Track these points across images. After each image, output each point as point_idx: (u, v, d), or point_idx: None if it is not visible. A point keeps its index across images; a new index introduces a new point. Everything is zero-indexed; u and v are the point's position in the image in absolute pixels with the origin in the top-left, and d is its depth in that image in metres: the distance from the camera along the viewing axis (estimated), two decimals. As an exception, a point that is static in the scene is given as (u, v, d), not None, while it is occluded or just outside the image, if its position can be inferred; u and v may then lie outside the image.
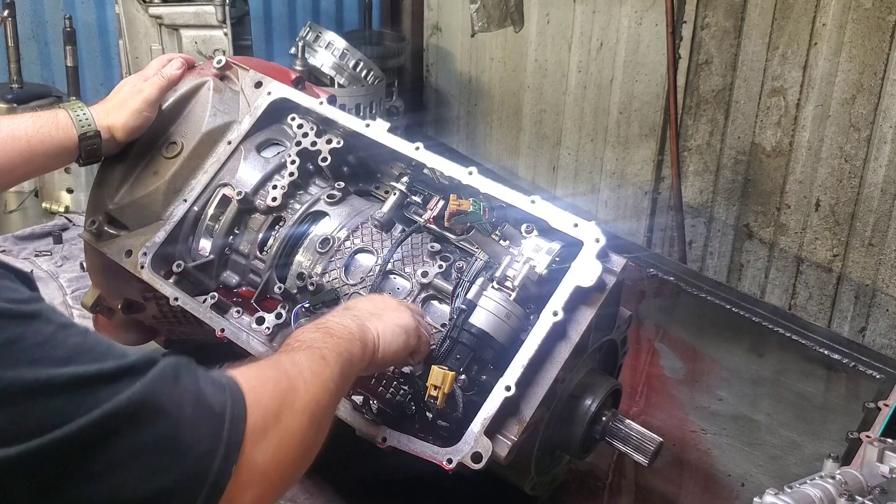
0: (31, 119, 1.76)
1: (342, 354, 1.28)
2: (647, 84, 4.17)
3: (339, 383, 1.24)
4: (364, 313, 1.44)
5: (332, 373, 1.22)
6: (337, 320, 1.37)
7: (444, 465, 1.47)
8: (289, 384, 1.13)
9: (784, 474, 1.97)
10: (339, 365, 1.25)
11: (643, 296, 2.91)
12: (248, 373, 1.11)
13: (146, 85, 1.87)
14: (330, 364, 1.23)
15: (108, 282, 1.99)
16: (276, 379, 1.13)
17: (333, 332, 1.32)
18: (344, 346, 1.30)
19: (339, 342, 1.30)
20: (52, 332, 0.95)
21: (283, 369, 1.16)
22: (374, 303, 1.51)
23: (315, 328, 1.34)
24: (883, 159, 3.38)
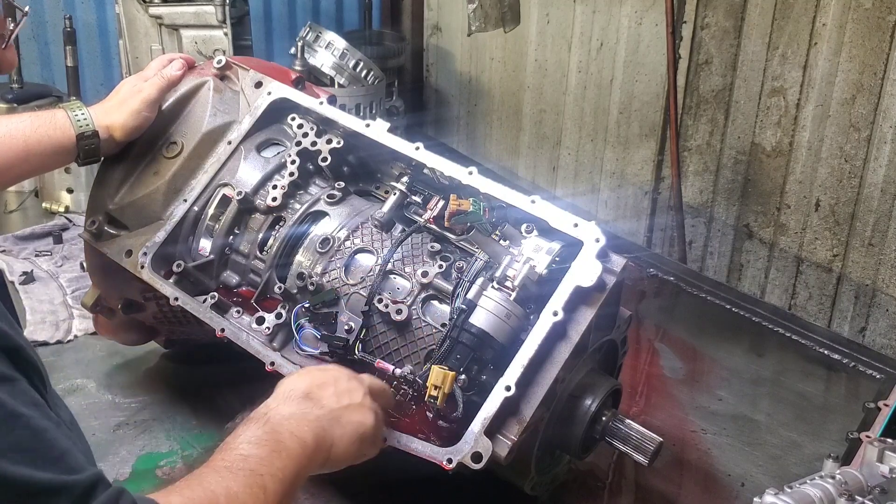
0: (29, 118, 1.77)
1: (286, 480, 1.19)
2: (647, 84, 4.17)
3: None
4: (326, 416, 1.34)
5: None
6: (293, 427, 1.27)
7: (444, 465, 1.48)
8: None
9: (784, 474, 1.97)
10: (280, 494, 1.18)
11: (643, 296, 2.91)
12: (178, 501, 1.06)
13: (146, 85, 1.87)
14: (269, 495, 1.15)
15: (108, 282, 1.99)
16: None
17: (284, 447, 1.23)
18: (291, 469, 1.22)
19: (286, 464, 1.21)
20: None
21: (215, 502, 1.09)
22: (340, 398, 1.39)
23: (266, 435, 1.23)
24: (883, 159, 3.38)
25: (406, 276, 1.71)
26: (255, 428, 1.25)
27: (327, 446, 1.32)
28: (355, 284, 1.72)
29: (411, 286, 1.69)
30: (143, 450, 1.94)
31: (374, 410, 1.42)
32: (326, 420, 1.33)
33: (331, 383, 1.40)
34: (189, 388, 2.15)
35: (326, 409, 1.35)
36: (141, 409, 2.08)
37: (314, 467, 1.30)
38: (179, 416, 2.06)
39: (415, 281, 1.68)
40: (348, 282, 1.72)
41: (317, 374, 1.44)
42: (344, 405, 1.38)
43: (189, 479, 1.13)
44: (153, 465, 1.89)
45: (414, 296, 1.67)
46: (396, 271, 1.72)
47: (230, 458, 1.18)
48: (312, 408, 1.34)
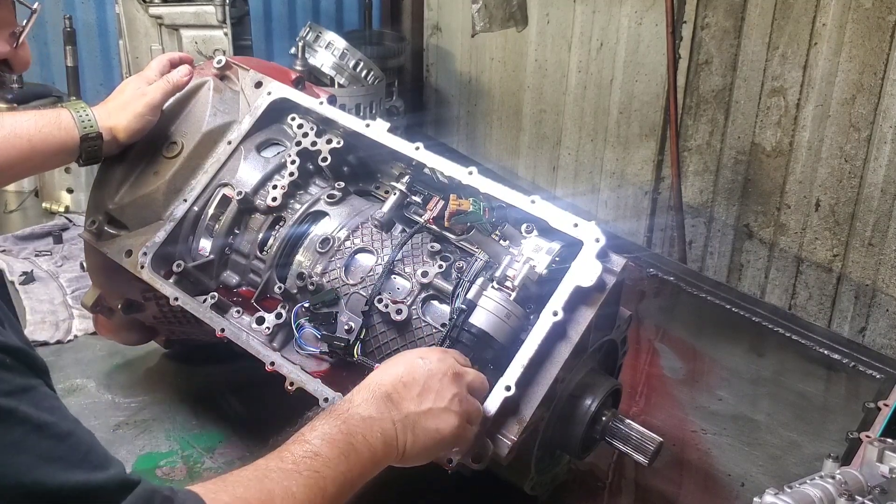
0: (34, 117, 1.76)
1: (346, 485, 1.19)
2: (647, 84, 4.17)
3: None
4: (401, 421, 1.31)
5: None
6: (367, 431, 1.25)
7: (445, 465, 1.48)
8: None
9: (784, 474, 1.97)
10: (338, 497, 1.18)
11: (643, 296, 2.91)
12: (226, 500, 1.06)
13: (150, 89, 1.86)
14: (327, 498, 1.15)
15: (108, 282, 1.99)
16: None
17: (353, 451, 1.22)
18: (355, 473, 1.22)
19: (351, 469, 1.21)
20: (20, 436, 0.92)
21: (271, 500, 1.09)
22: (423, 400, 1.34)
23: (339, 435, 1.22)
24: (883, 159, 3.38)
25: (406, 276, 1.70)
26: (332, 424, 1.24)
27: (399, 452, 1.31)
28: (355, 284, 1.72)
29: (411, 286, 1.69)
30: (143, 450, 1.94)
31: (460, 413, 1.37)
32: (401, 426, 1.31)
33: (419, 381, 1.35)
34: (189, 388, 2.15)
35: (404, 412, 1.32)
36: (141, 409, 2.08)
37: (382, 468, 1.30)
38: (179, 416, 2.06)
39: (415, 281, 1.68)
40: (348, 282, 1.72)
41: (408, 366, 1.38)
42: (424, 410, 1.34)
43: (249, 473, 1.13)
44: (153, 465, 1.89)
45: (414, 296, 1.67)
46: (396, 271, 1.72)
47: (300, 452, 1.18)
48: (391, 410, 1.31)
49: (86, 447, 0.99)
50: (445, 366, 1.40)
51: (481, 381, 1.46)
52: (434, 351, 1.45)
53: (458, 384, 1.39)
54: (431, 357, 1.41)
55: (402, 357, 1.42)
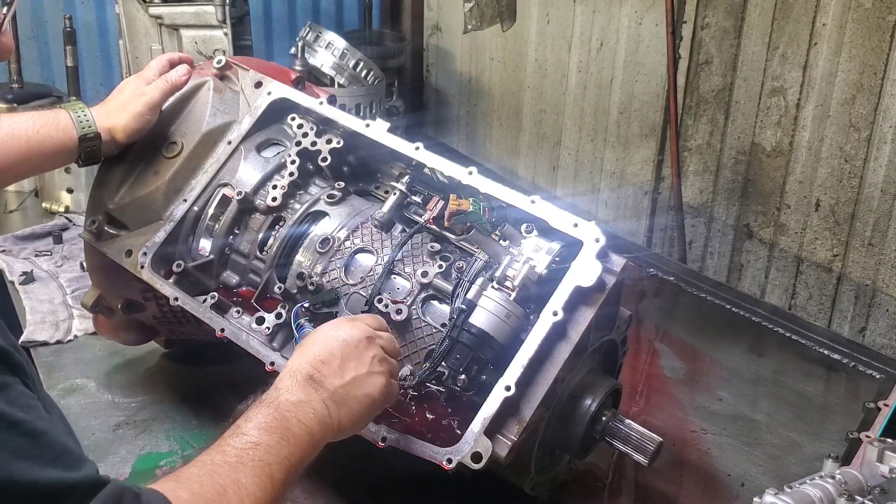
0: (32, 118, 1.77)
1: (291, 467, 1.22)
2: (647, 84, 4.17)
3: (278, 501, 1.20)
4: (330, 398, 1.34)
5: (275, 495, 1.18)
6: (300, 414, 1.28)
7: (444, 465, 1.48)
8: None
9: (784, 474, 1.97)
10: (286, 482, 1.21)
11: (643, 296, 2.91)
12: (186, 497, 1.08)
13: (149, 88, 1.86)
14: (276, 484, 1.18)
15: (108, 282, 1.99)
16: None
17: (291, 434, 1.25)
18: (297, 455, 1.24)
19: (292, 451, 1.23)
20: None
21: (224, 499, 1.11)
22: (345, 372, 1.37)
23: (274, 422, 1.25)
24: (883, 159, 3.38)
25: (406, 276, 1.71)
26: (264, 412, 1.26)
27: (334, 427, 1.33)
28: (355, 284, 1.72)
29: (411, 286, 1.69)
30: (143, 450, 1.94)
31: (383, 373, 1.41)
32: (331, 402, 1.33)
33: (337, 354, 1.38)
34: (189, 388, 2.15)
35: (329, 389, 1.34)
36: (141, 409, 2.08)
37: (321, 446, 1.32)
38: (179, 416, 2.06)
39: (415, 281, 1.68)
40: (348, 282, 1.72)
41: (323, 343, 1.40)
42: (349, 380, 1.37)
43: (198, 470, 1.15)
44: (153, 465, 1.89)
45: (414, 296, 1.67)
46: (396, 271, 1.72)
47: (240, 444, 1.20)
48: (317, 391, 1.33)
49: (59, 446, 1.01)
50: (359, 332, 1.42)
51: (393, 342, 1.50)
52: (343, 321, 1.48)
53: (373, 346, 1.42)
54: (343, 327, 1.44)
55: (316, 335, 1.44)
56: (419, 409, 1.59)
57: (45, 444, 0.99)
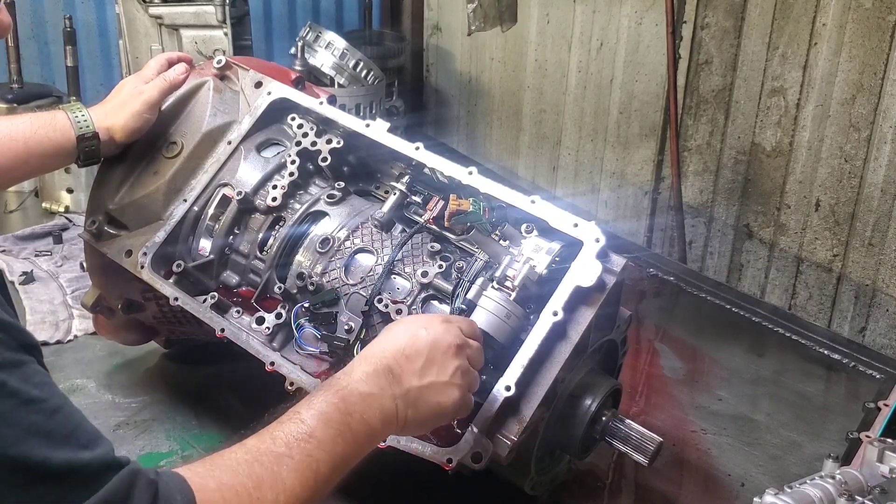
0: (30, 120, 1.77)
1: (340, 465, 1.16)
2: (647, 84, 4.17)
3: (321, 497, 1.14)
4: (402, 396, 1.27)
5: (316, 492, 1.12)
6: (365, 410, 1.21)
7: (444, 465, 1.48)
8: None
9: (784, 474, 1.97)
10: (332, 478, 1.15)
11: (643, 296, 2.91)
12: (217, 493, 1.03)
13: (147, 87, 1.86)
14: (319, 481, 1.12)
15: (108, 282, 1.99)
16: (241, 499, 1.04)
17: (350, 431, 1.18)
18: (350, 453, 1.18)
19: (346, 450, 1.17)
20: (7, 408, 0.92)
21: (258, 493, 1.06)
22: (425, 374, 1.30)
23: (336, 413, 1.18)
24: (883, 159, 3.38)
25: (406, 276, 1.70)
26: (328, 401, 1.20)
27: (398, 426, 1.28)
28: (355, 284, 1.72)
29: (411, 286, 1.69)
30: (143, 450, 1.93)
31: (462, 386, 1.34)
32: (402, 401, 1.27)
33: (423, 353, 1.31)
34: (189, 388, 2.15)
35: (405, 387, 1.28)
36: (141, 409, 2.08)
37: (378, 443, 1.29)
38: (179, 416, 2.06)
39: (415, 281, 1.68)
40: (348, 282, 1.72)
41: (411, 337, 1.32)
42: (426, 384, 1.30)
43: (239, 455, 1.10)
44: (153, 465, 1.87)
45: (414, 296, 1.67)
46: (396, 271, 1.72)
47: (294, 432, 1.14)
48: (392, 386, 1.27)
49: (73, 424, 0.99)
50: (450, 337, 1.35)
51: (480, 355, 1.42)
52: (437, 320, 1.38)
53: (460, 356, 1.35)
54: (435, 328, 1.35)
55: (405, 326, 1.37)
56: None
57: (59, 421, 0.97)
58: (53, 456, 0.94)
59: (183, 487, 1.03)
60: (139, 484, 0.99)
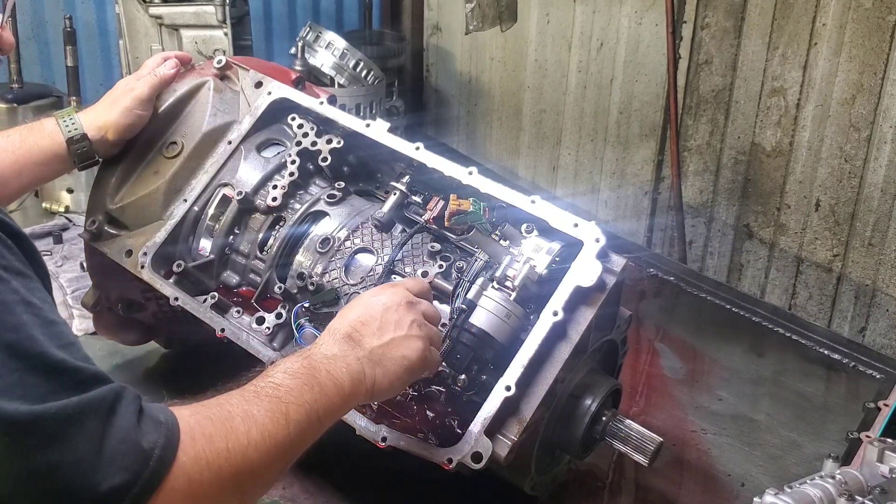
0: (19, 132, 1.78)
1: (311, 414, 1.18)
2: (647, 84, 4.17)
3: (295, 444, 1.16)
4: (366, 356, 1.32)
5: (289, 435, 1.14)
6: (331, 367, 1.26)
7: (444, 465, 1.48)
8: (229, 442, 1.07)
9: (784, 474, 1.97)
10: (304, 425, 1.17)
11: (643, 296, 2.91)
12: (192, 418, 1.07)
13: (138, 83, 1.87)
14: (291, 424, 1.14)
15: (108, 282, 1.99)
16: (218, 432, 1.07)
17: (318, 383, 1.22)
18: (321, 404, 1.20)
19: (316, 399, 1.20)
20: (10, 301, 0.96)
21: (229, 423, 1.09)
22: (383, 333, 1.35)
23: (302, 370, 1.23)
24: (883, 159, 3.38)
25: (406, 276, 1.70)
26: (294, 361, 1.25)
27: (367, 386, 1.31)
28: (355, 284, 1.72)
29: (411, 286, 1.69)
30: (143, 450, 1.93)
31: (421, 337, 1.39)
32: (367, 360, 1.31)
33: (376, 317, 1.37)
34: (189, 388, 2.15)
35: (367, 349, 1.33)
36: (141, 409, 2.08)
37: (354, 404, 1.31)
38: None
39: (415, 281, 1.68)
40: (348, 282, 1.72)
41: (363, 306, 1.39)
42: (386, 341, 1.35)
43: (211, 399, 1.14)
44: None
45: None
46: (396, 271, 1.72)
47: (261, 383, 1.19)
48: (353, 349, 1.31)
49: (69, 338, 1.01)
50: (399, 296, 1.41)
51: (433, 309, 1.48)
52: (385, 286, 1.47)
53: (413, 311, 1.40)
54: (384, 292, 1.43)
55: (357, 300, 1.44)
56: (419, 409, 1.59)
57: (57, 332, 0.99)
58: (50, 351, 0.96)
59: (163, 408, 1.06)
60: (126, 396, 1.02)
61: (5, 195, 1.82)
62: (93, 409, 0.96)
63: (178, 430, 1.03)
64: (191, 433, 1.04)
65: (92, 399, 0.96)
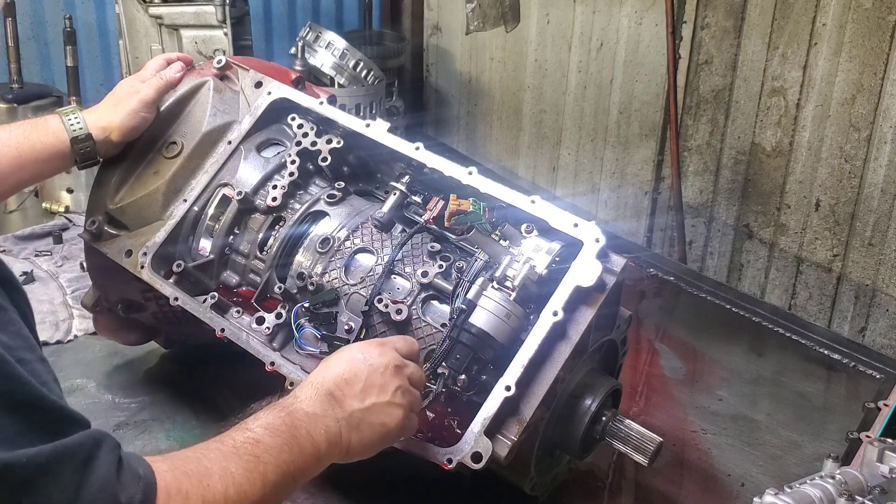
0: (22, 127, 1.77)
1: (287, 476, 1.18)
2: (647, 84, 4.17)
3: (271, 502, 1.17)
4: (345, 419, 1.31)
5: (265, 495, 1.14)
6: (311, 427, 1.25)
7: (444, 465, 1.48)
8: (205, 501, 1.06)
9: (784, 474, 1.97)
10: (279, 486, 1.17)
11: (643, 296, 2.91)
12: (169, 474, 1.05)
13: (143, 86, 1.86)
14: (267, 485, 1.14)
15: (108, 282, 1.99)
16: (195, 489, 1.06)
17: (297, 444, 1.21)
18: (298, 466, 1.20)
19: (294, 460, 1.20)
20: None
21: (206, 480, 1.08)
22: (366, 396, 1.34)
23: (283, 426, 1.21)
24: (883, 159, 3.39)
25: (406, 276, 1.70)
26: (275, 415, 1.24)
27: (342, 449, 1.31)
28: (355, 284, 1.72)
29: (411, 286, 1.69)
30: (143, 450, 1.92)
31: (403, 406, 1.38)
32: (345, 423, 1.31)
33: (361, 377, 1.35)
34: (189, 388, 2.15)
35: (347, 411, 1.32)
36: (141, 409, 2.08)
37: (326, 465, 1.30)
38: (179, 416, 2.05)
39: (415, 281, 1.68)
40: (348, 282, 1.72)
41: (349, 363, 1.37)
42: (367, 406, 1.34)
43: (189, 451, 1.13)
44: (153, 465, 1.88)
45: (414, 296, 1.67)
46: (396, 271, 1.72)
47: (240, 438, 1.18)
48: (334, 409, 1.30)
49: (43, 378, 0.99)
50: (386, 359, 1.39)
51: (420, 373, 1.46)
52: (372, 344, 1.44)
53: (399, 376, 1.39)
54: (371, 352, 1.40)
55: (343, 353, 1.41)
56: (419, 409, 1.59)
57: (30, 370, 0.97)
58: (17, 391, 0.93)
59: (141, 461, 1.05)
60: (106, 445, 1.00)
61: (4, 190, 1.82)
62: (69, 456, 0.94)
63: (156, 486, 1.02)
64: (167, 490, 1.03)
65: (68, 446, 0.95)
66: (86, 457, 0.96)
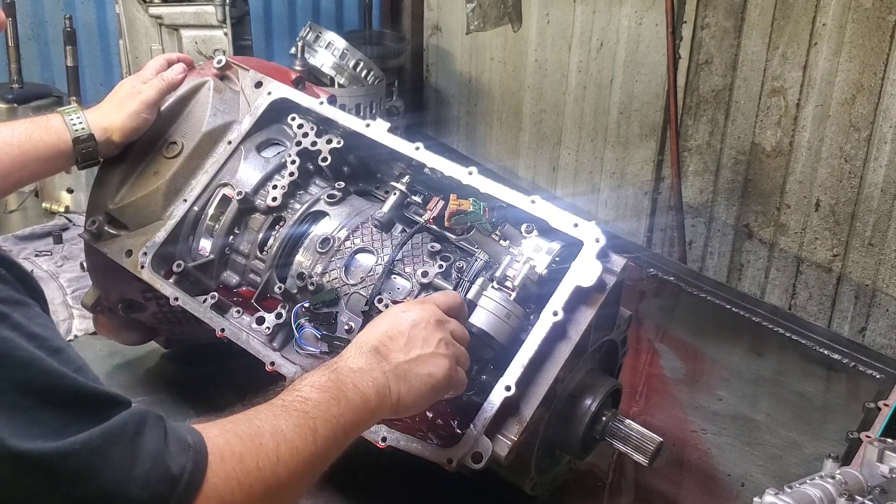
0: (24, 126, 1.77)
1: (338, 429, 1.19)
2: (647, 84, 4.17)
3: (322, 459, 1.17)
4: (392, 371, 1.31)
5: (317, 450, 1.15)
6: (357, 381, 1.26)
7: (445, 465, 1.48)
8: (259, 460, 1.07)
9: (784, 474, 1.97)
10: (330, 440, 1.18)
11: (643, 296, 2.91)
12: (220, 438, 1.06)
13: (145, 87, 1.86)
14: (318, 440, 1.15)
15: (108, 282, 1.99)
16: (248, 450, 1.07)
17: (344, 397, 1.22)
18: (348, 418, 1.21)
19: (343, 413, 1.20)
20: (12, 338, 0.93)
21: (259, 439, 1.09)
22: (410, 349, 1.34)
23: (329, 383, 1.23)
24: (883, 159, 3.39)
25: (406, 276, 1.71)
26: (321, 374, 1.25)
27: (392, 401, 1.30)
28: (355, 284, 1.72)
29: (411, 286, 1.69)
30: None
31: (448, 356, 1.38)
32: (392, 375, 1.31)
33: (404, 332, 1.36)
34: (189, 388, 2.15)
35: (393, 363, 1.32)
36: (141, 409, 2.08)
37: (378, 419, 1.31)
38: (179, 416, 2.05)
39: (415, 281, 1.68)
40: (348, 282, 1.72)
41: (391, 321, 1.39)
42: (413, 357, 1.34)
43: (238, 415, 1.14)
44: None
45: (414, 296, 1.67)
46: (396, 271, 1.72)
47: (289, 397, 1.19)
48: (379, 362, 1.31)
49: (78, 362, 1.00)
50: (428, 314, 1.40)
51: (462, 330, 1.46)
52: (415, 302, 1.47)
53: (442, 329, 1.40)
54: (413, 308, 1.42)
55: (386, 314, 1.43)
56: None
57: (64, 359, 0.98)
58: (58, 385, 0.94)
59: (190, 429, 1.06)
60: (150, 420, 1.01)
61: (5, 187, 1.82)
62: (116, 437, 0.95)
63: (206, 451, 1.03)
64: (220, 453, 1.04)
65: (114, 426, 0.96)
66: (132, 435, 0.97)
